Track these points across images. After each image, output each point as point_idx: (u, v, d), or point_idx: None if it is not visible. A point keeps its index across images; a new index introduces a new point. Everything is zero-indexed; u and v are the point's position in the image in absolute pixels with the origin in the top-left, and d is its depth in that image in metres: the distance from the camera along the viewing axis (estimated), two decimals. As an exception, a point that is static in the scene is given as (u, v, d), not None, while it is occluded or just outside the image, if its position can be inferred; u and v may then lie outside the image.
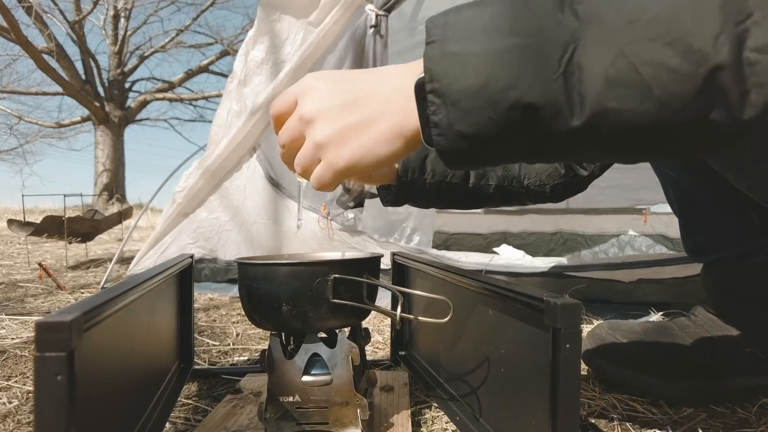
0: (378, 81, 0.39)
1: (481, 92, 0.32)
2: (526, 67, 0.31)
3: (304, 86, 0.41)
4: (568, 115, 0.31)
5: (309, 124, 0.39)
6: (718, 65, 0.28)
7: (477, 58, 0.32)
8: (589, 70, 0.30)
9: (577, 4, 0.31)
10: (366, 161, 0.38)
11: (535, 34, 0.31)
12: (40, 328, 0.30)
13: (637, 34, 0.29)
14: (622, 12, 0.30)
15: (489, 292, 0.49)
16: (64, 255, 2.23)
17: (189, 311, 0.73)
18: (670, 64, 0.29)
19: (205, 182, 1.44)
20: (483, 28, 0.33)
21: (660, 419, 0.62)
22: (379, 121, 0.37)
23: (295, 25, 1.40)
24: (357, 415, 0.51)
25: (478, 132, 0.33)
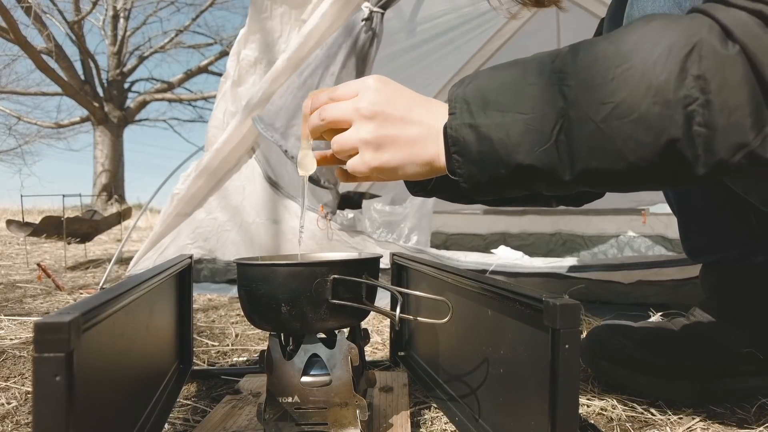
0: (428, 112, 0.46)
1: (491, 155, 0.42)
2: (525, 137, 0.40)
3: (371, 84, 0.47)
4: (561, 172, 0.41)
5: (363, 119, 0.46)
6: (674, 138, 0.37)
7: (487, 129, 0.42)
8: (575, 140, 0.39)
9: (564, 86, 0.39)
10: (394, 172, 0.47)
11: (531, 111, 0.40)
12: (38, 328, 0.30)
13: (609, 114, 0.38)
14: (596, 95, 0.38)
15: (488, 292, 0.49)
16: (62, 255, 2.23)
17: (188, 312, 0.73)
18: (637, 137, 0.37)
19: (204, 182, 1.43)
20: (493, 104, 0.42)
21: (659, 420, 0.62)
22: (418, 147, 0.46)
23: (288, 23, 1.38)
24: (356, 416, 0.51)
25: (493, 181, 0.43)
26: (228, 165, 1.45)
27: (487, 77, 0.44)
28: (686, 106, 0.36)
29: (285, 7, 1.37)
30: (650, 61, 0.37)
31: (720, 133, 0.36)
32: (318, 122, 0.50)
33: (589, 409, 0.65)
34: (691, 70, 0.36)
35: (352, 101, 0.47)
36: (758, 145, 0.36)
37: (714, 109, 0.36)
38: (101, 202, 8.19)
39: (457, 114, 0.43)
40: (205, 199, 1.46)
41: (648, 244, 2.28)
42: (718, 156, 0.37)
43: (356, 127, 0.47)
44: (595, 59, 0.39)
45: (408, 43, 1.78)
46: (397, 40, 1.69)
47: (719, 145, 0.36)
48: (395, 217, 1.85)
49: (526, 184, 0.43)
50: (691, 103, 0.36)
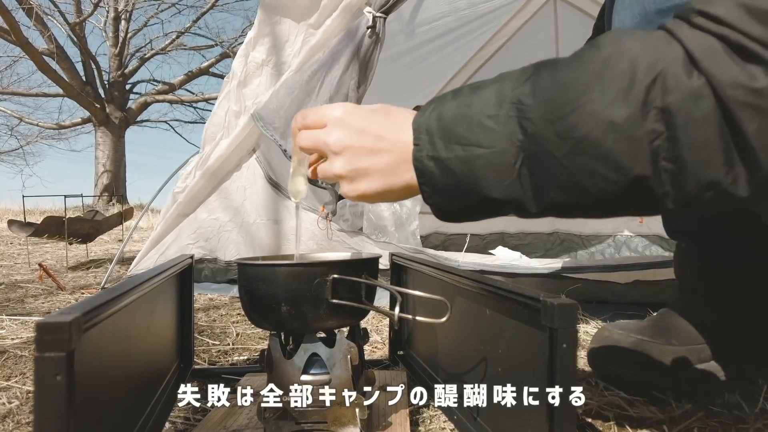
0: (396, 137, 0.45)
1: (457, 188, 0.41)
2: (487, 172, 0.39)
3: (337, 117, 0.47)
4: (527, 205, 0.39)
5: (333, 154, 0.47)
6: (640, 175, 0.34)
7: (450, 163, 0.41)
8: (538, 175, 0.38)
9: (523, 119, 0.37)
10: (375, 199, 0.47)
11: (491, 145, 0.39)
12: (40, 328, 0.31)
13: (570, 150, 0.35)
14: (556, 129, 0.36)
15: (486, 292, 0.50)
16: (64, 255, 2.23)
17: (189, 311, 0.73)
18: (601, 174, 0.35)
19: (205, 183, 1.44)
20: (453, 137, 0.40)
21: (657, 419, 0.62)
22: (391, 174, 0.45)
23: (296, 27, 1.40)
24: (355, 415, 0.51)
25: (462, 209, 0.43)
26: (229, 165, 1.45)
27: (448, 105, 0.42)
28: (651, 141, 0.33)
29: (293, 12, 1.38)
30: (611, 93, 0.34)
31: (689, 170, 0.33)
32: (295, 148, 0.52)
33: (587, 407, 0.65)
34: (655, 102, 0.33)
35: (320, 134, 0.47)
36: (730, 182, 0.33)
37: (680, 145, 0.33)
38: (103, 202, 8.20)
39: (421, 145, 0.42)
40: (207, 200, 1.46)
41: (645, 244, 2.28)
42: (687, 193, 0.34)
43: (330, 160, 0.47)
44: (555, 89, 0.36)
45: (407, 45, 1.78)
46: (397, 42, 1.70)
47: (688, 182, 0.34)
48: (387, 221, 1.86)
49: (495, 213, 0.43)
50: (656, 138, 0.33)
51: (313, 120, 0.49)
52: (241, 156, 1.45)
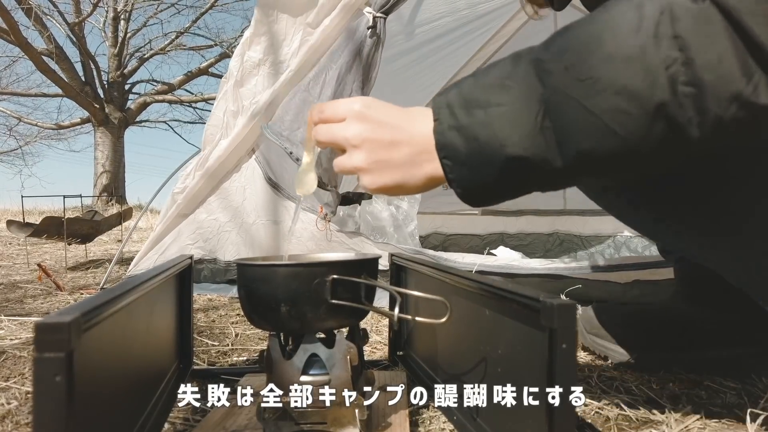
0: (414, 130, 0.45)
1: (480, 154, 0.41)
2: (510, 130, 0.40)
3: (357, 111, 0.47)
4: (552, 159, 0.39)
5: (354, 147, 0.47)
6: (661, 102, 0.35)
7: (473, 128, 0.41)
8: (560, 124, 0.38)
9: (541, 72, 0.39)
10: (396, 191, 0.47)
11: (512, 102, 0.40)
12: (39, 328, 0.31)
13: (589, 90, 0.36)
14: (574, 75, 0.37)
15: (486, 292, 0.50)
16: (63, 256, 2.23)
17: (188, 312, 0.73)
18: (623, 108, 0.36)
19: (205, 183, 1.44)
20: (474, 103, 0.41)
21: (657, 419, 0.62)
22: (412, 165, 0.45)
23: (293, 26, 1.40)
24: (355, 415, 0.51)
25: (485, 181, 0.42)
26: (228, 166, 1.45)
27: (466, 81, 0.44)
28: (667, 67, 0.34)
29: (290, 10, 1.38)
30: (623, 33, 0.35)
31: (709, 89, 0.34)
32: (313, 141, 0.51)
33: (587, 408, 0.65)
34: (667, 32, 0.34)
35: (340, 127, 0.48)
36: (751, 91, 0.34)
37: (697, 66, 0.34)
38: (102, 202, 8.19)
39: (441, 119, 0.43)
40: (206, 200, 1.46)
41: (644, 244, 2.29)
42: (711, 113, 0.34)
43: (349, 154, 0.47)
44: (569, 42, 0.38)
45: (407, 46, 1.79)
46: (396, 43, 1.70)
47: (710, 101, 0.34)
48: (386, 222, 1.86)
49: (518, 180, 0.42)
50: (672, 63, 0.34)
51: (330, 113, 0.49)
52: (240, 156, 1.45)
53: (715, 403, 0.67)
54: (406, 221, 1.92)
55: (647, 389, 0.71)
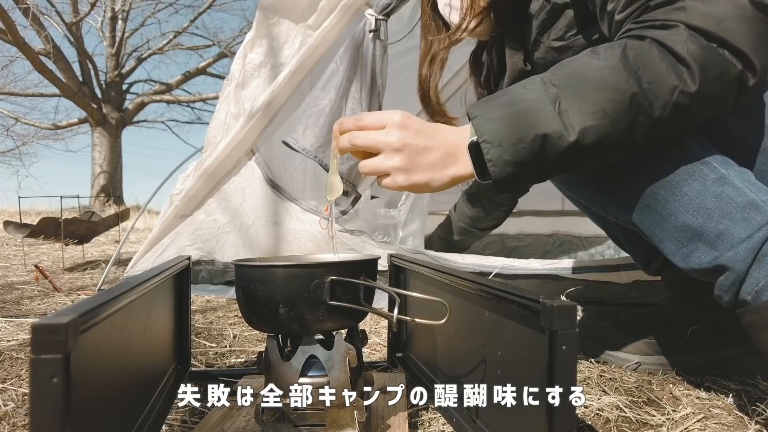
0: (444, 137, 0.59)
1: (513, 135, 0.55)
2: (537, 116, 0.55)
3: (399, 120, 0.58)
4: (566, 135, 0.55)
5: (393, 150, 0.57)
6: (635, 93, 0.54)
7: (508, 118, 0.56)
8: (571, 110, 0.55)
9: (553, 80, 0.57)
10: (423, 188, 0.59)
11: (536, 100, 0.56)
12: (36, 330, 0.30)
13: (588, 86, 0.55)
14: (577, 78, 0.56)
15: (485, 293, 0.49)
16: (60, 257, 2.22)
17: (186, 313, 0.73)
18: (610, 97, 0.54)
19: (203, 184, 1.43)
20: (505, 104, 0.57)
21: (656, 420, 0.62)
22: (440, 166, 0.58)
23: (294, 29, 1.40)
24: (354, 417, 0.51)
25: (516, 157, 0.56)
26: (227, 167, 1.45)
27: (494, 97, 0.59)
28: (635, 72, 0.54)
29: (292, 14, 1.38)
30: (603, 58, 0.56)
31: (658, 84, 0.54)
32: (347, 145, 0.60)
33: (587, 410, 0.65)
34: (630, 54, 0.55)
35: (381, 134, 0.58)
36: (684, 84, 0.53)
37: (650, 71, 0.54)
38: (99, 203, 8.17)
39: (480, 115, 0.57)
40: (205, 201, 1.45)
41: (645, 246, 2.29)
42: (663, 98, 0.54)
43: (387, 156, 0.57)
44: (569, 66, 0.58)
45: (407, 45, 1.78)
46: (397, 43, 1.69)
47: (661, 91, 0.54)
48: (389, 220, 1.86)
49: (542, 156, 0.55)
50: (637, 70, 0.54)
51: (370, 122, 0.59)
52: (239, 157, 1.45)
53: (716, 404, 0.67)
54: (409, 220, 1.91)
55: (647, 391, 0.71)
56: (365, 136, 0.58)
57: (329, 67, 1.31)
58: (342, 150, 0.61)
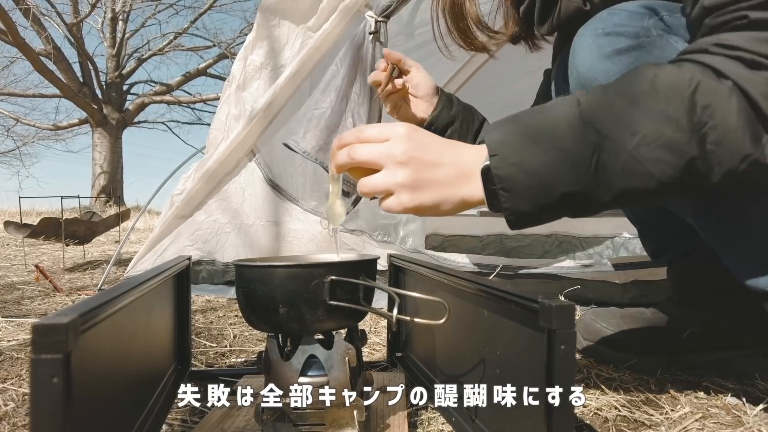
0: (456, 154, 0.51)
1: (538, 188, 0.47)
2: (568, 169, 0.46)
3: (403, 132, 0.51)
4: (600, 195, 0.47)
5: (398, 165, 0.49)
6: (693, 157, 0.45)
7: (532, 165, 0.47)
8: (611, 167, 0.46)
9: (595, 123, 0.46)
10: (430, 211, 0.50)
11: (570, 146, 0.47)
12: (36, 330, 0.31)
13: (638, 142, 0.45)
14: (626, 129, 0.46)
15: (485, 293, 0.49)
16: (61, 257, 2.22)
17: (186, 313, 0.73)
18: (663, 158, 0.45)
19: (204, 185, 1.43)
20: (533, 145, 0.47)
21: (655, 420, 0.62)
22: (450, 186, 0.50)
23: (294, 31, 1.40)
24: (353, 417, 0.51)
25: (537, 211, 0.48)
26: (228, 167, 1.45)
27: (518, 123, 0.49)
28: (700, 129, 0.44)
29: (292, 15, 1.39)
30: (664, 100, 0.45)
31: (727, 148, 0.44)
32: (346, 160, 0.52)
33: (585, 409, 0.65)
34: (699, 102, 0.44)
35: (384, 146, 0.50)
36: (759, 154, 0.45)
37: (721, 130, 0.44)
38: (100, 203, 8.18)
39: (500, 155, 0.47)
40: (205, 201, 1.46)
41: (644, 246, 2.29)
42: (727, 166, 0.45)
43: (390, 171, 0.50)
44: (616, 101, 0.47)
45: (406, 46, 1.78)
46: (396, 44, 1.70)
47: (728, 157, 0.45)
48: (389, 219, 1.86)
49: (567, 208, 0.49)
50: (703, 126, 0.44)
51: (372, 135, 0.52)
52: (239, 158, 1.45)
53: (714, 404, 0.67)
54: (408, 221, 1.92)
55: (646, 390, 0.71)
56: (366, 149, 0.51)
57: (330, 70, 1.31)
58: (340, 166, 0.53)
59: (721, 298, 0.78)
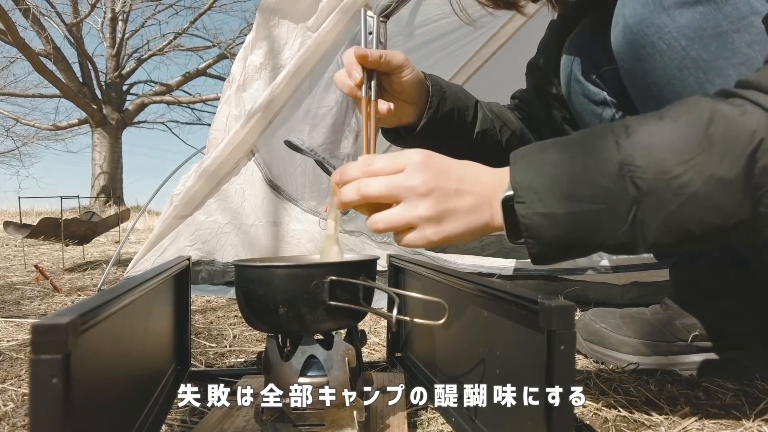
0: (476, 177, 0.48)
1: (568, 239, 0.44)
2: (602, 224, 0.43)
3: (419, 160, 0.47)
4: (634, 248, 0.44)
5: (419, 197, 0.46)
6: (742, 219, 0.41)
7: (562, 218, 0.43)
8: (649, 224, 0.42)
9: (636, 178, 0.42)
10: (455, 240, 0.48)
11: (605, 201, 0.43)
12: (35, 330, 0.30)
13: (683, 202, 0.41)
14: (671, 186, 0.41)
15: (484, 294, 0.49)
16: (60, 257, 2.22)
17: (186, 313, 0.73)
18: (709, 220, 0.42)
19: (203, 185, 1.44)
20: (564, 195, 0.43)
21: (654, 420, 0.62)
22: (475, 214, 0.47)
23: (294, 30, 1.40)
24: (353, 417, 0.51)
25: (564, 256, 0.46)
26: (227, 167, 1.45)
27: (549, 164, 0.45)
28: (755, 192, 0.40)
29: (291, 15, 1.38)
30: (718, 157, 0.40)
31: None
32: (354, 197, 0.47)
33: (585, 409, 0.65)
34: (759, 163, 0.40)
35: (399, 178, 0.46)
36: None
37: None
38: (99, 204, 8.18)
39: (527, 203, 0.44)
40: (205, 201, 1.46)
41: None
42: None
43: (411, 204, 0.46)
44: (661, 151, 0.42)
45: (406, 47, 1.78)
46: (396, 44, 1.70)
47: None
48: None
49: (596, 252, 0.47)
50: (760, 189, 0.40)
51: (383, 167, 0.47)
52: (239, 158, 1.45)
53: (714, 404, 0.67)
54: None
55: (645, 390, 0.71)
56: (378, 182, 0.46)
57: (330, 68, 1.31)
58: (346, 204, 0.48)
59: (722, 300, 0.78)
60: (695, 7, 0.50)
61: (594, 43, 0.64)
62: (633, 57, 0.57)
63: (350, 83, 0.61)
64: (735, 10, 0.49)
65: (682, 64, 0.53)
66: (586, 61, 0.71)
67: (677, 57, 0.53)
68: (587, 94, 0.73)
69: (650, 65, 0.56)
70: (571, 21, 0.76)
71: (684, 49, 0.52)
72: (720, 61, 0.50)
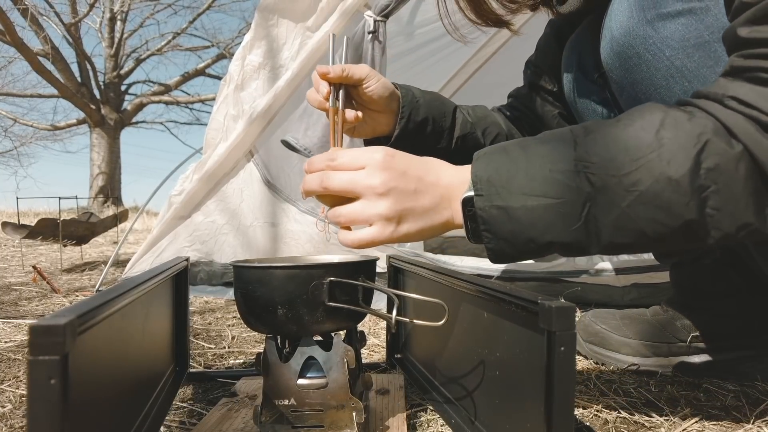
0: (437, 177, 0.50)
1: (523, 234, 0.45)
2: (556, 220, 0.44)
3: (379, 159, 0.48)
4: (588, 246, 0.45)
5: (377, 196, 0.48)
6: (690, 220, 0.43)
7: (518, 212, 0.45)
8: (602, 221, 0.44)
9: (590, 174, 0.44)
10: (413, 238, 0.49)
11: (560, 196, 0.44)
12: (33, 331, 0.30)
13: (634, 200, 0.43)
14: (622, 183, 0.43)
15: (484, 295, 0.49)
16: (58, 258, 2.22)
17: (184, 314, 0.73)
18: (658, 219, 0.43)
19: (202, 186, 1.43)
20: (521, 189, 0.45)
21: (654, 422, 0.62)
22: (433, 213, 0.49)
23: (293, 30, 1.40)
24: (352, 418, 0.51)
25: (520, 253, 0.47)
26: (226, 168, 1.45)
27: (509, 160, 0.46)
28: (701, 193, 0.42)
29: (290, 15, 1.38)
30: (667, 157, 0.42)
31: (727, 215, 0.42)
32: (317, 188, 0.50)
33: (585, 410, 0.65)
34: (704, 164, 0.41)
35: (360, 175, 0.48)
36: (760, 224, 0.43)
37: (723, 196, 0.42)
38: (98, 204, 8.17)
39: (485, 196, 0.46)
40: (203, 202, 1.45)
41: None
42: (724, 232, 0.43)
43: (370, 202, 0.48)
44: (615, 150, 0.44)
45: (406, 47, 1.79)
46: (396, 44, 1.70)
47: (726, 224, 0.43)
48: None
49: (552, 252, 0.47)
50: (705, 190, 0.42)
51: (346, 161, 0.49)
52: (237, 159, 1.45)
53: (714, 405, 0.67)
54: None
55: (645, 392, 0.71)
56: (340, 177, 0.48)
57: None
58: (308, 192, 0.50)
59: (723, 301, 0.78)
60: (677, 19, 0.52)
61: (595, 44, 0.65)
62: (621, 68, 0.59)
63: (318, 98, 0.63)
64: (715, 20, 0.50)
65: (668, 73, 0.54)
66: (587, 60, 0.72)
67: (663, 67, 0.54)
68: (589, 93, 0.73)
69: (638, 75, 0.57)
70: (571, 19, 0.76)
71: (669, 59, 0.53)
72: (703, 70, 0.52)
